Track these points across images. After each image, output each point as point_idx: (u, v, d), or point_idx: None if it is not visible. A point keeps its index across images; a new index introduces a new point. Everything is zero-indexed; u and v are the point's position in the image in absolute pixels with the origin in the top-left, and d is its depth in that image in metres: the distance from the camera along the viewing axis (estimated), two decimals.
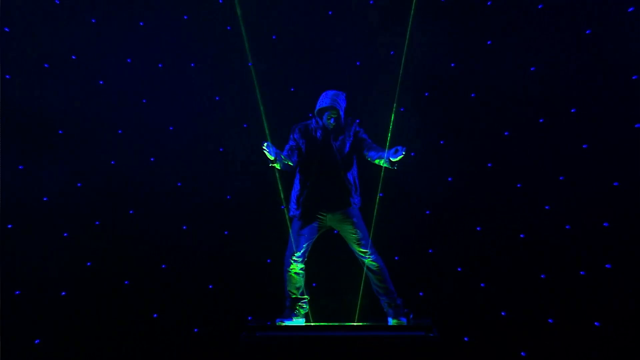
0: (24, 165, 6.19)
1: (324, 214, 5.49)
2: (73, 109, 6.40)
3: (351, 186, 5.49)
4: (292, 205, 5.52)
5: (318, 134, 5.52)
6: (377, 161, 5.41)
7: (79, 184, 6.38)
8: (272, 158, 5.22)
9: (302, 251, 5.46)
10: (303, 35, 6.70)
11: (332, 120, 5.47)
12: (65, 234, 6.28)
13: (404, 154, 5.13)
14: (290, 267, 5.48)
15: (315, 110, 5.53)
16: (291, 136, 5.56)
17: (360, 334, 5.17)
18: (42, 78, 6.34)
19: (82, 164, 6.40)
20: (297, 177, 5.55)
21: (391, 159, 5.22)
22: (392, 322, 5.38)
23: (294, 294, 5.51)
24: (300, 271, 5.51)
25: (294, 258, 5.46)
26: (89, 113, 6.46)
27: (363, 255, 5.50)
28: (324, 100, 5.49)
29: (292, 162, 5.45)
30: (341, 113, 5.47)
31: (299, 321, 5.47)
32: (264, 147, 5.16)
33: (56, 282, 6.19)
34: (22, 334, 5.96)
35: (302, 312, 5.52)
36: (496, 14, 6.45)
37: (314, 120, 5.58)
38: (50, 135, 6.33)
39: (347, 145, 5.50)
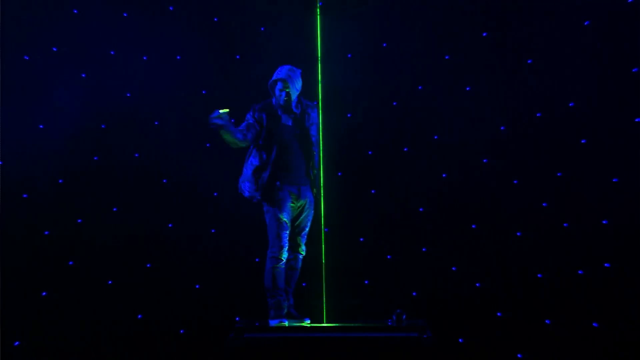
0: (3, 162, 6.01)
1: (295, 191, 5.38)
2: (54, 102, 6.22)
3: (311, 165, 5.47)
4: (251, 187, 5.39)
5: (279, 111, 5.41)
6: None
7: (60, 180, 6.21)
8: (221, 123, 5.11)
9: (287, 242, 5.36)
10: (293, 27, 6.57)
11: (283, 94, 5.35)
12: (46, 232, 6.11)
13: None
14: (279, 265, 5.34)
15: (269, 84, 5.42)
16: (249, 115, 5.44)
17: (352, 335, 5.05)
18: (22, 71, 6.14)
19: (63, 160, 6.23)
20: (257, 156, 5.39)
21: None
22: (291, 323, 5.30)
23: (280, 292, 5.36)
24: (284, 265, 5.39)
25: (282, 254, 5.32)
26: (71, 107, 6.27)
27: (299, 245, 5.43)
28: (278, 73, 5.39)
29: (247, 139, 5.32)
30: (294, 87, 5.35)
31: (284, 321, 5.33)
32: (218, 115, 5.08)
33: (36, 281, 6.02)
34: (0, 336, 5.77)
35: (285, 311, 5.39)
36: (492, 4, 6.33)
37: (274, 98, 5.46)
38: (30, 130, 6.14)
39: (307, 124, 5.44)
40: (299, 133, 5.41)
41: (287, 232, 5.36)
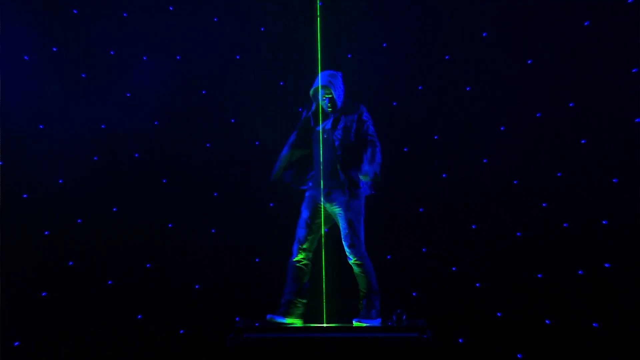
0: (3, 162, 6.00)
1: (317, 193, 5.41)
2: (54, 103, 6.21)
3: (352, 174, 5.38)
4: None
5: (313, 117, 5.44)
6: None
7: (60, 180, 6.19)
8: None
9: (304, 239, 5.36)
10: (292, 27, 6.55)
11: (327, 101, 5.36)
12: (46, 232, 6.10)
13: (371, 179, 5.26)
14: (292, 259, 5.38)
15: (311, 92, 5.44)
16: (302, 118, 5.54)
17: (352, 335, 5.06)
18: (22, 71, 6.13)
19: (63, 160, 6.21)
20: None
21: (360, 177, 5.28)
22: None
23: (293, 290, 5.34)
24: (302, 266, 5.37)
25: (295, 250, 5.39)
26: (71, 107, 6.26)
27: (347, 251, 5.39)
28: (318, 80, 5.40)
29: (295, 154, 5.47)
30: (337, 94, 5.35)
31: (292, 321, 5.30)
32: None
33: (36, 282, 6.00)
34: (0, 336, 5.77)
35: (297, 312, 5.33)
36: (491, 4, 6.30)
37: (313, 104, 5.48)
38: (30, 130, 6.13)
39: (352, 130, 5.38)
40: (330, 138, 5.39)
41: (304, 230, 5.37)
